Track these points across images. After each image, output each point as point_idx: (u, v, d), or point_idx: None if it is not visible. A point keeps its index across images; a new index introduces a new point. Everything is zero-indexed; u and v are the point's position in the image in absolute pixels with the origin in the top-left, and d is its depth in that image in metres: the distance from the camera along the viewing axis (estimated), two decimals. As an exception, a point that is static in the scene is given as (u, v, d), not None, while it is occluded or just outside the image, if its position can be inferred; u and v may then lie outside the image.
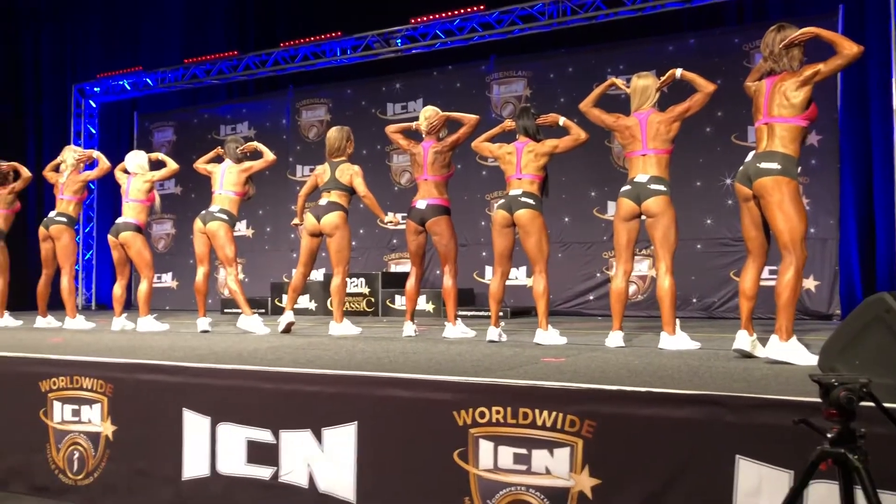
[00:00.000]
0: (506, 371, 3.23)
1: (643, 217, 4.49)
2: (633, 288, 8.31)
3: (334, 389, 3.20)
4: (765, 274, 4.02)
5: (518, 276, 8.97)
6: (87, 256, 12.18)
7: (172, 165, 6.80)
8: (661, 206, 4.37)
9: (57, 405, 3.94)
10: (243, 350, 4.48)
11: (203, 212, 6.17)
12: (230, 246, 6.06)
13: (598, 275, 8.96)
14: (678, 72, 4.50)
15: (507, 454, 2.82)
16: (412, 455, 3.00)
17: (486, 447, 2.86)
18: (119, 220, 6.54)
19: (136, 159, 6.76)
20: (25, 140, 12.29)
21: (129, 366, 3.80)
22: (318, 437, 3.17)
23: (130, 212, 6.52)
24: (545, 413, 2.77)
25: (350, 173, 5.73)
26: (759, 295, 3.90)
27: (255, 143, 6.41)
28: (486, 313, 7.55)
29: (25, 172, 7.48)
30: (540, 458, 2.76)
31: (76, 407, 3.88)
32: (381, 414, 3.08)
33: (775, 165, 3.64)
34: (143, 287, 6.45)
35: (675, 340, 4.36)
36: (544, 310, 4.76)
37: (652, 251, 5.39)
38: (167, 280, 12.05)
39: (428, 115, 5.44)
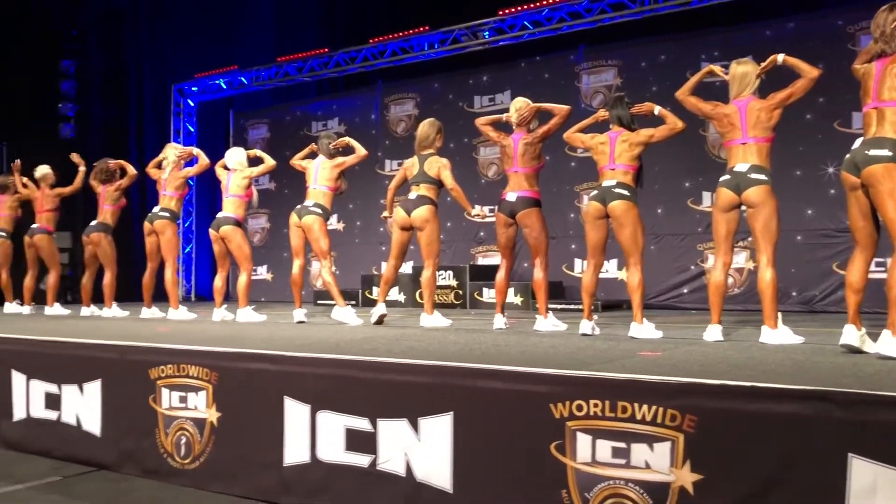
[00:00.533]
0: (602, 364, 3.20)
1: (743, 208, 4.36)
2: (729, 281, 8.09)
3: (430, 380, 3.24)
4: (871, 266, 3.84)
5: (609, 268, 8.86)
6: (188, 250, 12.68)
7: (270, 162, 7.00)
8: (762, 196, 4.24)
9: (165, 392, 4.13)
10: (340, 340, 4.59)
11: (298, 206, 6.34)
12: (324, 239, 6.21)
13: (693, 267, 8.76)
14: (780, 57, 4.34)
15: (605, 448, 2.80)
16: (508, 446, 3.01)
17: (583, 440, 2.84)
18: (219, 215, 6.79)
19: (236, 156, 6.99)
20: (128, 138, 12.88)
21: (233, 355, 3.94)
22: (415, 426, 3.22)
23: (230, 207, 6.76)
24: (644, 407, 2.74)
25: (438, 166, 5.77)
26: (867, 288, 3.74)
27: (347, 139, 6.54)
28: (575, 306, 7.49)
29: (131, 170, 7.84)
30: (639, 452, 2.73)
31: (183, 394, 4.06)
32: (477, 405, 3.10)
33: (886, 152, 3.48)
34: (242, 279, 6.68)
35: (778, 335, 4.22)
36: (639, 303, 4.69)
37: (749, 243, 5.25)
38: (262, 273, 12.42)
39: (518, 106, 5.43)
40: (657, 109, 4.85)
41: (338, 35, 11.62)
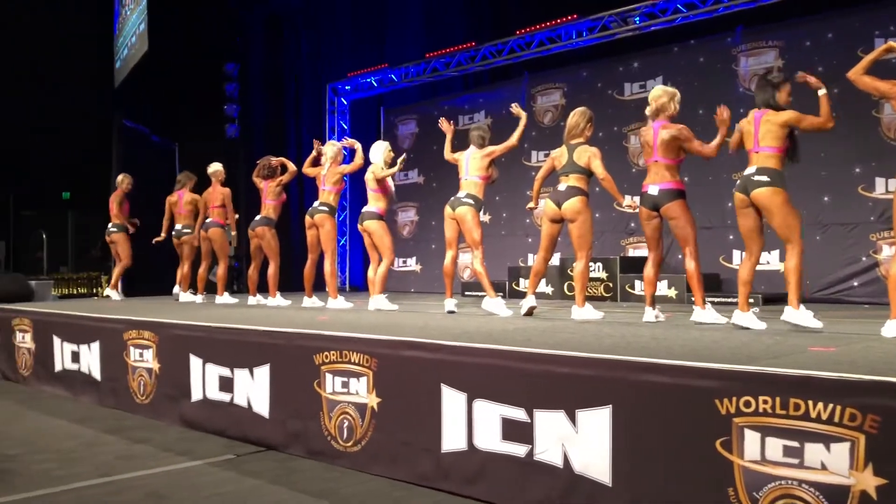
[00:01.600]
0: (771, 360, 3.05)
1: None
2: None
3: (588, 372, 3.21)
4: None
5: (770, 260, 8.42)
6: (342, 242, 13.20)
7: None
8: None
9: (329, 377, 4.33)
10: (493, 330, 4.63)
11: (452, 198, 6.44)
12: (477, 230, 6.28)
13: (864, 259, 8.17)
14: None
15: (775, 446, 2.67)
16: (670, 441, 2.94)
17: (752, 438, 2.73)
18: (364, 210, 7.06)
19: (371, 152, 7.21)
20: (287, 136, 13.56)
21: (392, 342, 4.07)
22: (572, 418, 3.20)
23: (371, 201, 7.03)
24: (820, 405, 2.59)
25: (588, 155, 5.68)
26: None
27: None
28: (733, 300, 7.18)
29: (292, 167, 8.25)
30: (814, 452, 2.59)
31: (345, 379, 4.24)
32: (638, 399, 3.04)
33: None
34: (381, 268, 6.91)
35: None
36: (795, 287, 4.40)
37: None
38: (412, 264, 12.73)
39: (657, 95, 5.24)
40: (821, 92, 4.53)
41: (484, 28, 11.68)
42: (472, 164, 6.41)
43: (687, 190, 5.19)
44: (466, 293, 10.20)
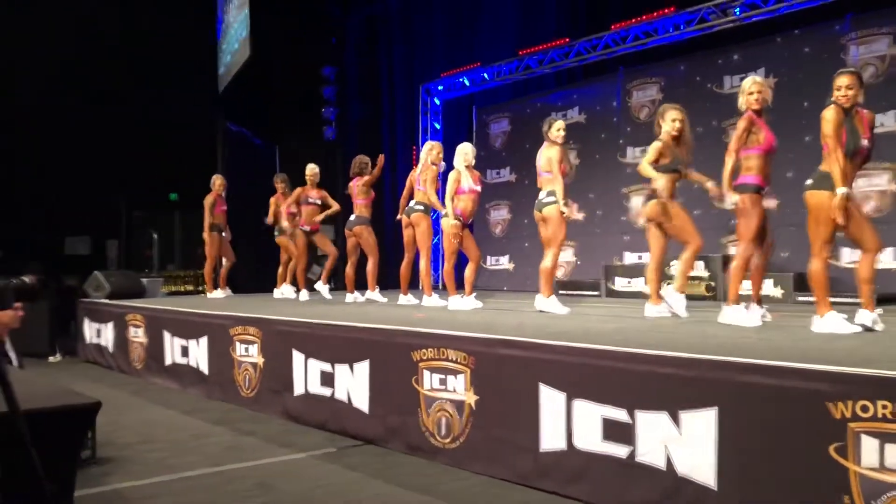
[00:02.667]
0: (891, 363, 2.90)
1: None
2: None
3: (692, 373, 3.13)
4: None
5: (885, 259, 7.99)
6: (434, 241, 13.30)
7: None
8: None
9: (427, 374, 4.37)
10: (589, 329, 4.58)
11: (537, 200, 6.37)
12: (561, 231, 6.12)
13: None
14: None
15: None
16: (779, 445, 2.83)
17: (869, 444, 2.60)
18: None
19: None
20: (382, 137, 13.78)
21: (489, 341, 4.08)
22: (675, 419, 3.13)
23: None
24: (946, 411, 2.45)
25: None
26: None
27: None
28: (844, 300, 6.84)
29: (375, 170, 8.33)
30: (939, 461, 2.45)
31: (443, 376, 4.27)
32: (745, 401, 2.95)
33: None
34: (468, 269, 6.94)
35: None
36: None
37: None
38: (504, 262, 12.71)
39: (749, 88, 4.96)
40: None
41: (579, 24, 11.53)
42: (541, 161, 6.31)
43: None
44: (561, 292, 10.10)
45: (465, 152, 6.98)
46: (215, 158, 12.81)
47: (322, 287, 8.74)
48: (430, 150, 7.50)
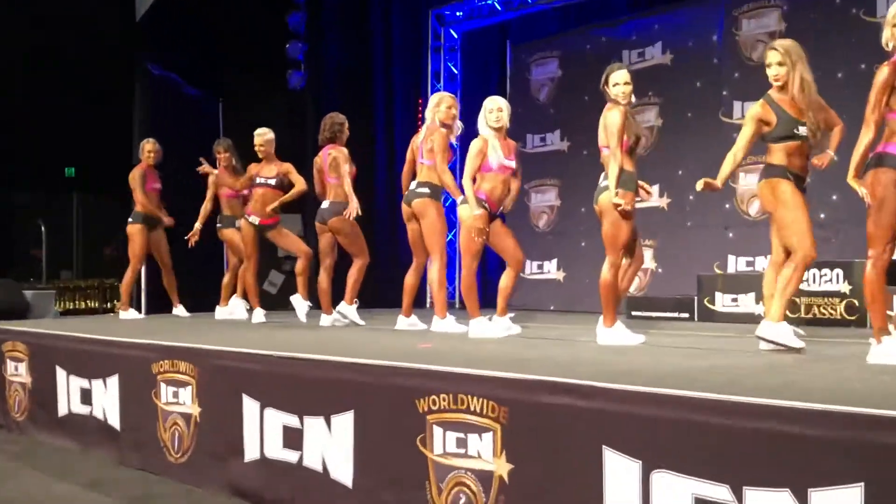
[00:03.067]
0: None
1: None
2: None
3: (830, 433, 3.12)
4: None
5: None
6: (448, 238, 13.32)
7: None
8: None
9: (438, 431, 4.37)
10: (676, 368, 4.57)
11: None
12: (619, 230, 6.03)
13: None
14: None
15: None
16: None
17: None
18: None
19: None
20: (373, 86, 13.72)
21: (530, 383, 4.07)
22: (803, 499, 3.13)
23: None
24: None
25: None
26: None
27: None
28: None
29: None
30: None
31: (462, 435, 4.27)
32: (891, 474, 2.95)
33: None
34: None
35: None
36: None
37: None
38: (551, 270, 12.74)
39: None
40: None
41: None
42: (601, 130, 6.22)
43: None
44: (633, 313, 10.10)
45: (492, 109, 6.95)
46: (130, 117, 12.86)
47: (348, 309, 8.50)
48: (436, 106, 7.47)
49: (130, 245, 9.78)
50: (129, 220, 9.74)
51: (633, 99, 6.25)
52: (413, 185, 7.58)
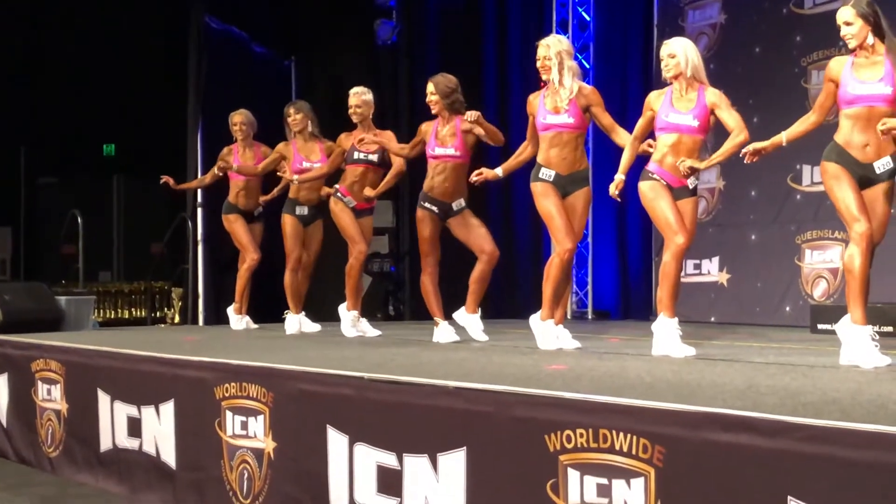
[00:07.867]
0: None
1: None
2: None
3: None
4: None
5: None
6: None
7: None
8: None
9: (573, 476, 4.35)
10: (877, 397, 4.48)
11: None
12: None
13: None
14: None
15: None
16: None
17: None
18: None
19: None
20: (484, 39, 13.74)
21: (690, 416, 4.03)
22: None
23: None
24: None
25: None
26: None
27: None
28: None
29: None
30: None
31: (603, 481, 4.24)
32: None
33: None
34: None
35: None
36: None
37: None
38: (712, 271, 12.61)
39: None
40: None
41: None
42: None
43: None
44: (819, 326, 9.92)
45: (663, 56, 7.06)
46: (183, 82, 13.03)
47: (467, 319, 8.49)
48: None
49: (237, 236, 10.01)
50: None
51: None
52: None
